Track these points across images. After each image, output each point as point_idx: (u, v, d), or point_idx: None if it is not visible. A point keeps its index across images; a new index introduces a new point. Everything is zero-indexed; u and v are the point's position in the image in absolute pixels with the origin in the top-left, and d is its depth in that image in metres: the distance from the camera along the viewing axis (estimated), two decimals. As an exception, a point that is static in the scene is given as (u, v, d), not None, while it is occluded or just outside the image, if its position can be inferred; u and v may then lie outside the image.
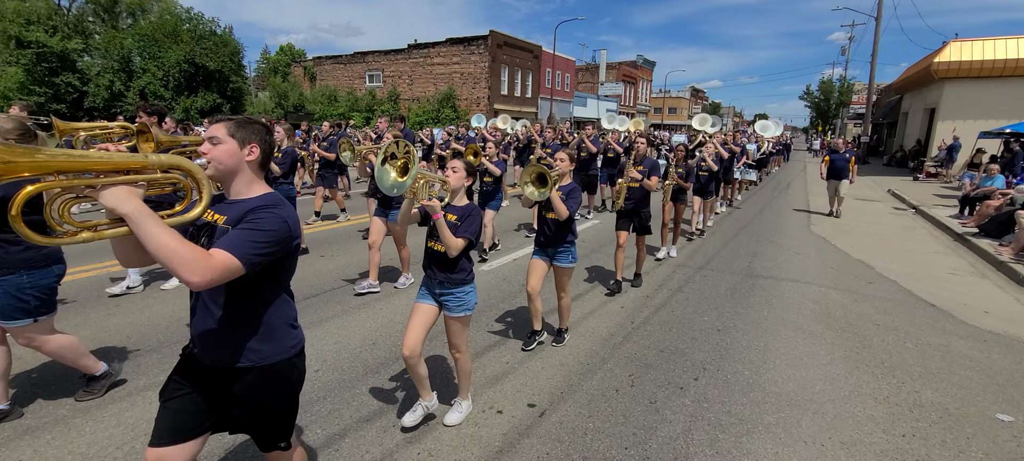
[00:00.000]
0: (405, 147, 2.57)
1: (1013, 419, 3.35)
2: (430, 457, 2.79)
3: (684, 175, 7.03)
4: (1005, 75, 19.05)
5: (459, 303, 2.88)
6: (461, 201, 2.94)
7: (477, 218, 2.87)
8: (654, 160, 5.68)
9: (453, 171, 2.89)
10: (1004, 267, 7.13)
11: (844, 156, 10.94)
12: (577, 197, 3.87)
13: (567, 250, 3.98)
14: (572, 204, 3.78)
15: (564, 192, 3.79)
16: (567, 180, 3.95)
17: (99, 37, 30.58)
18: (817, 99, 55.21)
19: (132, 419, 3.02)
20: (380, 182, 2.52)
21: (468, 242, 2.78)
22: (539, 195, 3.51)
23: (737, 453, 2.90)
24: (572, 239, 3.99)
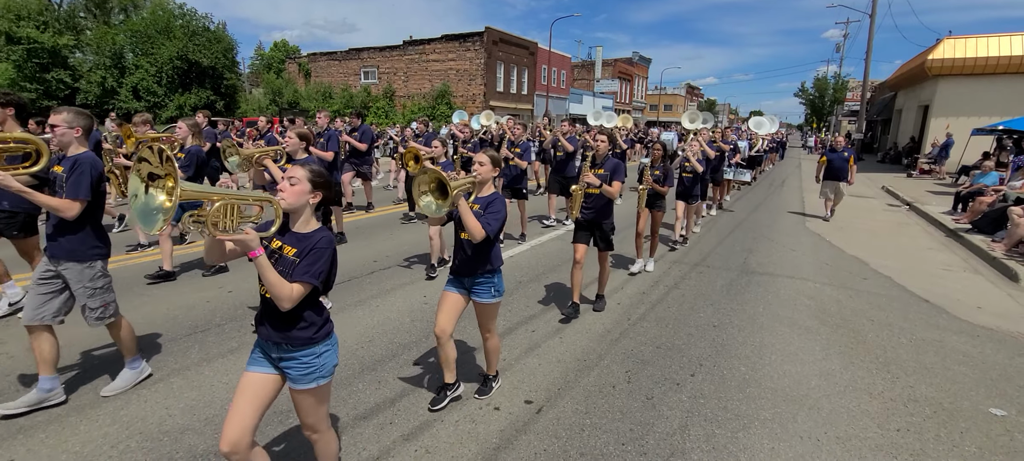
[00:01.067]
0: (167, 157, 1.71)
1: (1006, 413, 3.38)
2: (428, 454, 2.79)
3: (660, 178, 6.07)
4: (998, 72, 19.18)
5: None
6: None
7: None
8: (617, 162, 4.73)
9: None
10: (997, 263, 7.18)
11: (842, 155, 9.98)
12: (499, 211, 2.98)
13: (488, 281, 3.09)
14: (491, 221, 2.92)
15: (482, 204, 3.00)
16: (489, 189, 3.11)
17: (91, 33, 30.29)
18: (812, 96, 55.41)
19: (127, 417, 3.00)
20: (140, 214, 1.76)
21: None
22: (436, 208, 2.64)
23: (733, 448, 2.91)
24: (493, 268, 3.09)
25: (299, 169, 2.06)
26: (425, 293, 5.31)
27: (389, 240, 7.55)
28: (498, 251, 3.14)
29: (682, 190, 7.47)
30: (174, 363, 3.66)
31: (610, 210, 4.80)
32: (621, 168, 4.72)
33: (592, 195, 4.71)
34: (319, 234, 2.07)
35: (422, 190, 2.67)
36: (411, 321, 4.58)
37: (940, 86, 20.49)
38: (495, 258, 3.09)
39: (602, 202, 4.72)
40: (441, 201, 2.63)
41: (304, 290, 1.98)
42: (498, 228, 2.96)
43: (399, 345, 4.09)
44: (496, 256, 3.10)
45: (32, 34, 26.27)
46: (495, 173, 3.06)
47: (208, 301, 4.82)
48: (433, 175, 2.61)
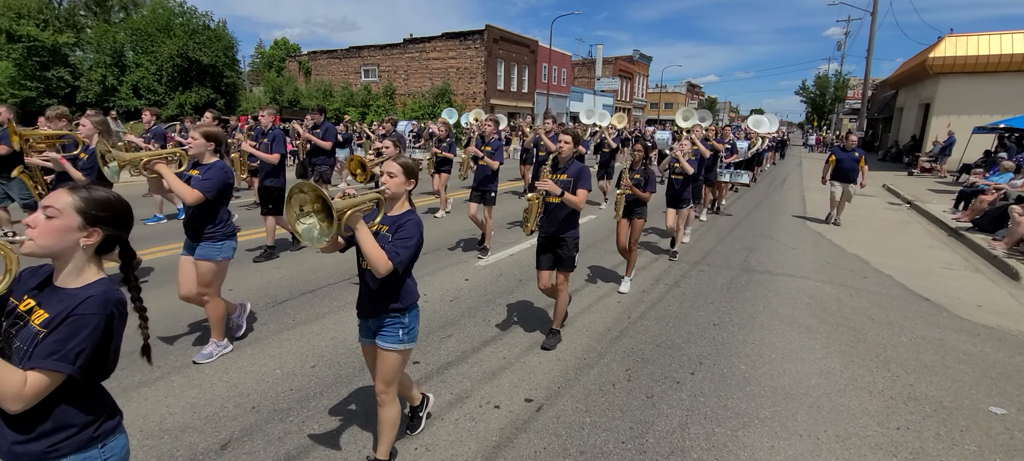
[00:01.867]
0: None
1: (1006, 412, 3.38)
2: (428, 452, 2.79)
3: (641, 182, 5.27)
4: (999, 70, 19.15)
5: None
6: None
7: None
8: (582, 167, 3.94)
9: None
10: (997, 261, 7.18)
11: (853, 155, 9.25)
12: (411, 236, 2.31)
13: (397, 322, 2.43)
14: (401, 249, 2.26)
15: (391, 226, 2.35)
16: (403, 207, 2.44)
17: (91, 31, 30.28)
18: (813, 94, 55.34)
19: (128, 415, 2.96)
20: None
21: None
22: (320, 234, 2.01)
23: (733, 447, 2.92)
24: (403, 306, 2.43)
25: None
26: (425, 292, 5.31)
27: (389, 238, 7.55)
28: (411, 285, 2.49)
29: (672, 195, 6.79)
30: (175, 361, 3.67)
31: (574, 222, 3.99)
32: (586, 173, 3.89)
33: (553, 205, 3.93)
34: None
35: (303, 210, 2.01)
36: (411, 319, 4.58)
37: (941, 84, 20.46)
38: (407, 294, 2.45)
39: (564, 213, 3.91)
40: (328, 224, 2.00)
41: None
42: (409, 257, 2.31)
43: (399, 343, 4.09)
44: (408, 292, 2.46)
45: (32, 32, 26.27)
46: (410, 185, 2.43)
47: (209, 299, 4.83)
48: (313, 192, 1.99)
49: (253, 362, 3.69)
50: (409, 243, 2.30)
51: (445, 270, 6.06)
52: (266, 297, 4.94)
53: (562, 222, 3.95)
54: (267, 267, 5.94)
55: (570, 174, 3.92)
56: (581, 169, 3.93)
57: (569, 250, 3.97)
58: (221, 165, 3.60)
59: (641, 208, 5.46)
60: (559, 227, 3.96)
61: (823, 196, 13.80)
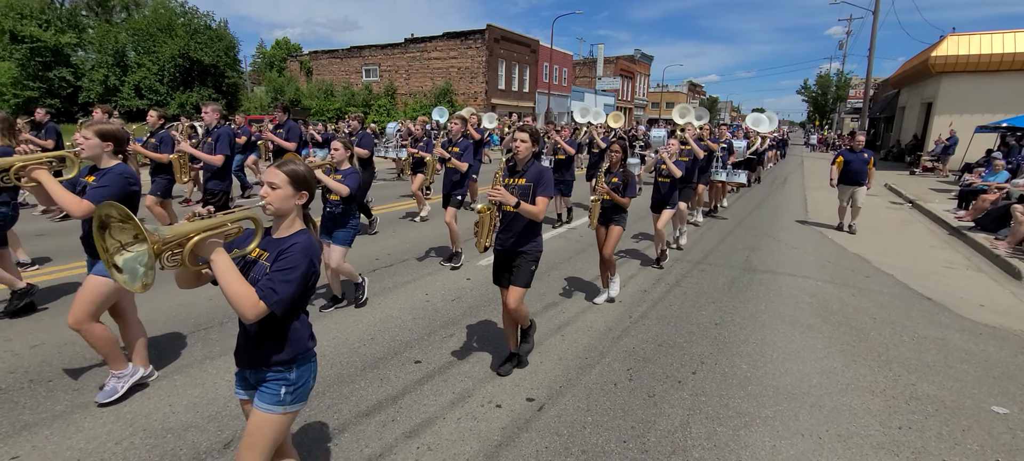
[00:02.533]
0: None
1: (1008, 411, 3.38)
2: (429, 451, 2.80)
3: (619, 186, 4.87)
4: (1002, 69, 19.09)
5: None
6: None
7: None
8: (542, 169, 3.42)
9: None
10: (1000, 261, 7.16)
11: (862, 157, 8.76)
12: (294, 266, 1.79)
13: (280, 378, 1.90)
14: (280, 283, 1.75)
15: (273, 254, 1.84)
16: (291, 227, 1.92)
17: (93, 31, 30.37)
18: (814, 93, 55.28)
19: (131, 414, 3.01)
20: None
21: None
22: (145, 270, 1.55)
23: (735, 446, 2.92)
24: (287, 358, 1.90)
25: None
26: (427, 291, 5.32)
27: (391, 238, 7.56)
28: (300, 331, 1.93)
29: (657, 199, 6.29)
30: (176, 361, 3.68)
31: (534, 233, 3.45)
32: (547, 177, 3.38)
33: (509, 215, 3.39)
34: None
35: (120, 240, 1.57)
36: (413, 319, 4.59)
37: (943, 83, 20.41)
38: (294, 341, 1.90)
39: (521, 224, 3.37)
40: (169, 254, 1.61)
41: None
42: (290, 295, 1.76)
43: (401, 343, 4.10)
44: (296, 339, 1.91)
45: (35, 32, 26.36)
46: (300, 198, 1.92)
47: (211, 298, 4.83)
48: (120, 213, 1.52)
49: (255, 361, 3.70)
50: (291, 276, 1.77)
51: (447, 269, 6.07)
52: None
53: (520, 235, 3.39)
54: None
55: (529, 178, 3.38)
56: (541, 172, 3.38)
57: (525, 266, 3.43)
58: (120, 169, 3.00)
59: (620, 215, 4.98)
60: (517, 240, 3.40)
61: (825, 195, 13.84)
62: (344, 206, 4.42)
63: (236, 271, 1.71)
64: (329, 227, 4.46)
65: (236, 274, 1.70)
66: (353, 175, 4.34)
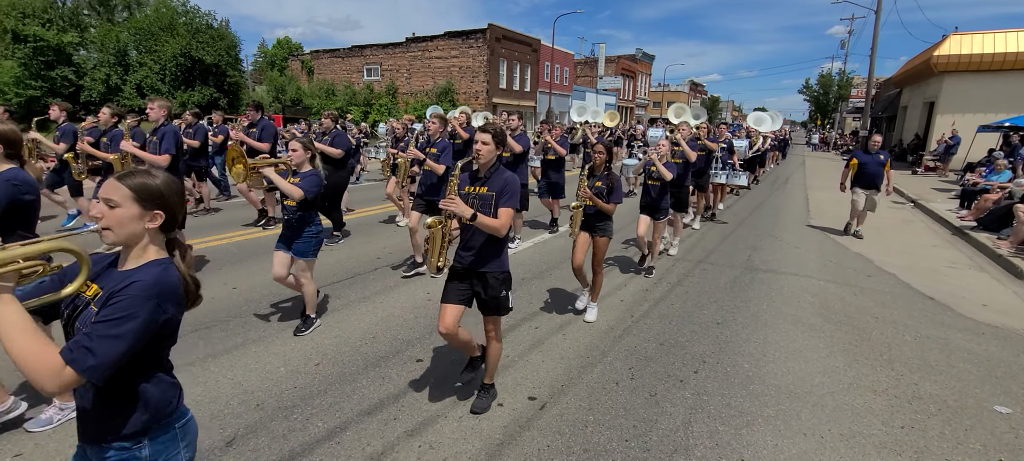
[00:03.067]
0: None
1: (1011, 411, 3.37)
2: (431, 450, 2.80)
3: (603, 191, 4.36)
4: (1004, 68, 19.04)
5: None
6: None
7: None
8: (509, 176, 2.98)
9: None
10: (1002, 260, 7.15)
11: (878, 159, 8.13)
12: (129, 312, 1.30)
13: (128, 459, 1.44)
14: (95, 340, 1.25)
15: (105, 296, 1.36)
16: (141, 257, 1.46)
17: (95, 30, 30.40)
18: (816, 93, 55.13)
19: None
20: None
21: None
22: None
23: (737, 445, 2.91)
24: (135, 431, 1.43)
25: None
26: (429, 289, 5.32)
27: (393, 236, 7.56)
28: (155, 394, 1.46)
29: (647, 203, 5.81)
30: (179, 359, 3.67)
31: (498, 250, 3.01)
32: (512, 187, 2.93)
33: (468, 228, 2.99)
34: None
35: None
36: (414, 317, 4.59)
37: (946, 82, 20.36)
38: (152, 403, 1.45)
39: (481, 239, 2.95)
40: None
41: None
42: (119, 353, 1.27)
43: (402, 341, 4.10)
44: (149, 404, 1.45)
45: (38, 31, 26.39)
46: (153, 222, 1.46)
47: (213, 297, 4.84)
48: None
49: (258, 360, 3.70)
50: (117, 329, 1.27)
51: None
52: (270, 296, 4.95)
53: (481, 251, 2.96)
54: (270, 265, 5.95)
55: (492, 187, 2.93)
56: (506, 181, 2.93)
57: (493, 290, 2.98)
58: (10, 175, 2.61)
59: (604, 223, 4.51)
60: (477, 258, 2.97)
61: (828, 195, 13.83)
62: (300, 212, 3.97)
63: (25, 325, 1.20)
64: (287, 237, 4.08)
65: (24, 329, 1.19)
66: (311, 177, 3.98)
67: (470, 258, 2.99)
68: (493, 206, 2.90)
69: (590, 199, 4.32)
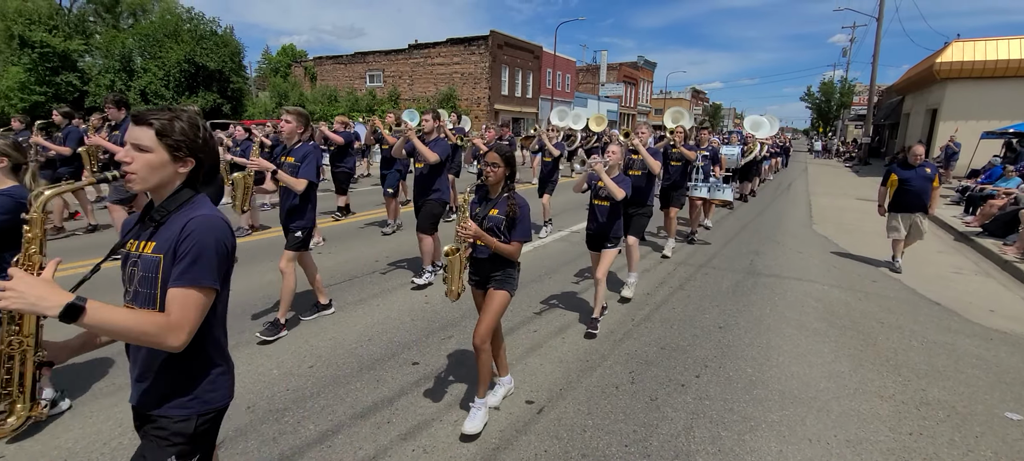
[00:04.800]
0: None
1: (1022, 418, 3.28)
2: (425, 454, 2.72)
3: (500, 224, 2.84)
4: (1007, 75, 18.97)
5: None
6: None
7: None
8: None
9: None
10: (1009, 266, 7.05)
11: (923, 173, 6.56)
12: None
13: None
14: None
15: None
16: None
17: (100, 37, 30.61)
18: (818, 100, 55.09)
19: (121, 415, 2.94)
20: None
21: None
22: None
23: (740, 451, 2.83)
24: None
25: None
26: (426, 293, 5.25)
27: (391, 240, 7.50)
28: None
29: (595, 230, 4.45)
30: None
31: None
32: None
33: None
34: None
35: None
36: (411, 320, 4.52)
37: (949, 89, 20.29)
38: None
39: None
40: None
41: None
42: None
43: (399, 344, 4.03)
44: None
45: (44, 38, 26.57)
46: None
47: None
48: None
49: (250, 362, 3.64)
50: None
51: (447, 272, 6.00)
52: (264, 298, 4.89)
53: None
54: (266, 268, 5.89)
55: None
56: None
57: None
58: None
59: (504, 271, 2.90)
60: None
61: (830, 202, 13.74)
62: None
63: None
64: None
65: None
66: None
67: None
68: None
69: (476, 236, 2.72)
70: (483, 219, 2.85)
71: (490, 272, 2.93)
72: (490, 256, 2.87)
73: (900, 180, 6.71)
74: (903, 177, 6.70)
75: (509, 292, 2.92)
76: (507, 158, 2.84)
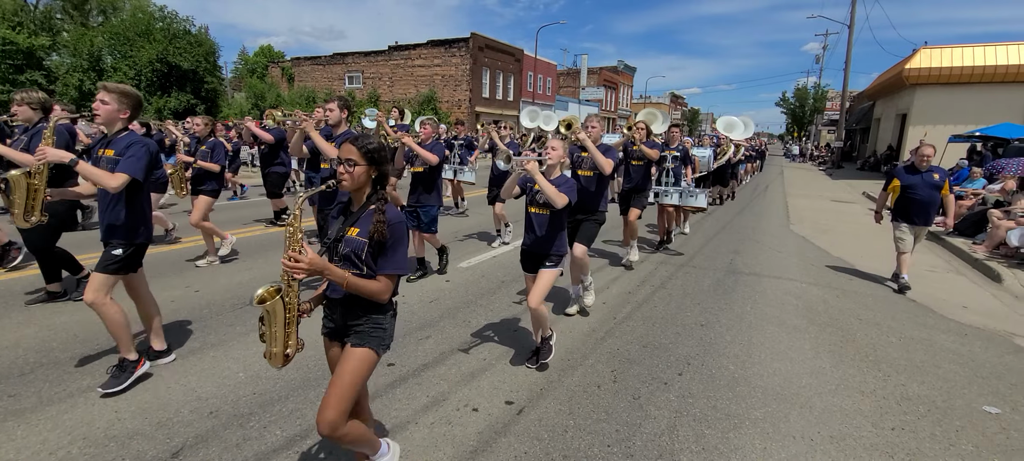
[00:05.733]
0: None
1: (999, 411, 3.29)
2: (401, 458, 2.59)
3: (361, 250, 1.99)
4: (973, 81, 19.62)
5: None
6: None
7: None
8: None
9: None
10: (979, 264, 7.20)
11: (931, 180, 5.69)
12: None
13: None
14: None
15: None
16: None
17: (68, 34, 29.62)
18: (793, 106, 56.38)
19: (71, 422, 2.75)
20: None
21: None
22: None
23: (724, 449, 2.76)
24: None
25: None
26: (404, 293, 5.10)
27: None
28: None
29: (529, 244, 3.53)
30: (129, 364, 3.40)
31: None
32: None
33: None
34: None
35: None
36: (388, 321, 4.37)
37: (917, 94, 20.90)
38: None
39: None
40: None
41: None
42: None
43: (374, 345, 3.88)
44: None
45: (8, 35, 25.57)
46: None
47: (173, 301, 4.56)
48: None
49: (215, 365, 3.45)
50: None
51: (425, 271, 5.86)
52: (233, 298, 4.69)
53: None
54: (236, 268, 5.68)
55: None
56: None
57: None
58: None
59: (367, 319, 2.08)
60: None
61: (807, 203, 13.96)
62: None
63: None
64: None
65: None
66: None
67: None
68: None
69: (316, 271, 1.86)
70: (338, 242, 2.03)
71: (348, 319, 2.07)
72: (346, 295, 2.02)
73: (903, 186, 5.78)
74: (907, 183, 5.74)
75: (375, 350, 2.05)
76: (371, 154, 1.98)
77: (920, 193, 5.68)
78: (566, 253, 3.62)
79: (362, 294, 1.97)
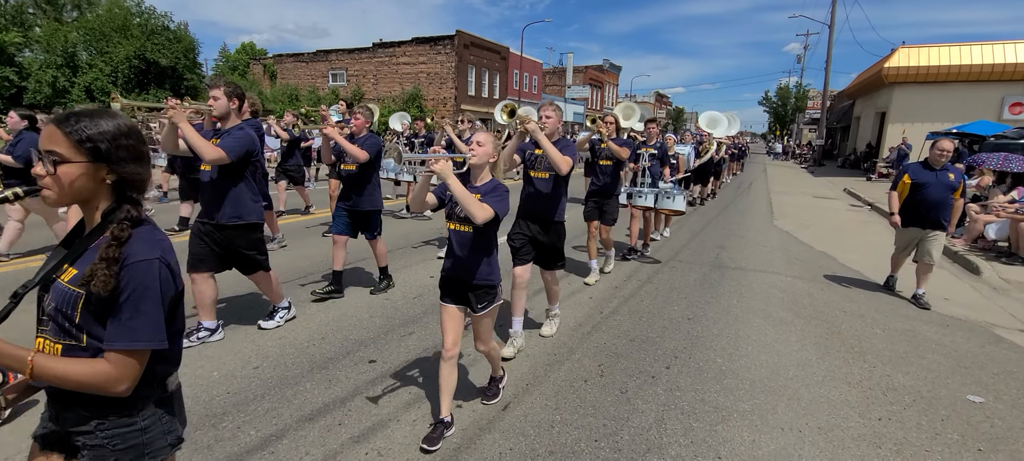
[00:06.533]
0: None
1: (983, 400, 3.30)
2: (380, 457, 2.50)
3: None
4: (950, 80, 20.00)
5: None
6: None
7: None
8: None
9: None
10: (959, 257, 7.30)
11: (945, 180, 5.07)
12: None
13: None
14: None
15: None
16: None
17: (41, 30, 28.78)
18: (775, 105, 57.12)
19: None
20: None
21: None
22: None
23: (713, 442, 2.72)
24: None
25: None
26: (387, 291, 4.99)
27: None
28: None
29: (450, 270, 2.69)
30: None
31: None
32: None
33: None
34: None
35: None
36: (369, 317, 4.27)
37: (896, 93, 21.25)
38: None
39: None
40: None
41: None
42: None
43: (355, 341, 3.77)
44: None
45: (-26, 29, 24.79)
46: None
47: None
48: None
49: (188, 364, 3.29)
50: None
51: (409, 267, 5.76)
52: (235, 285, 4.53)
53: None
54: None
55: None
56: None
57: None
58: None
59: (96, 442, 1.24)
60: None
61: (790, 199, 14.11)
62: None
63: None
64: None
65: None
66: None
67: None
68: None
69: None
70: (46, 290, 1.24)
71: (68, 425, 1.25)
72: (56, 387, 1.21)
73: (914, 185, 5.16)
74: (919, 181, 5.13)
75: None
76: (89, 142, 1.18)
77: (932, 193, 5.07)
78: (498, 284, 2.75)
79: (68, 386, 1.15)
